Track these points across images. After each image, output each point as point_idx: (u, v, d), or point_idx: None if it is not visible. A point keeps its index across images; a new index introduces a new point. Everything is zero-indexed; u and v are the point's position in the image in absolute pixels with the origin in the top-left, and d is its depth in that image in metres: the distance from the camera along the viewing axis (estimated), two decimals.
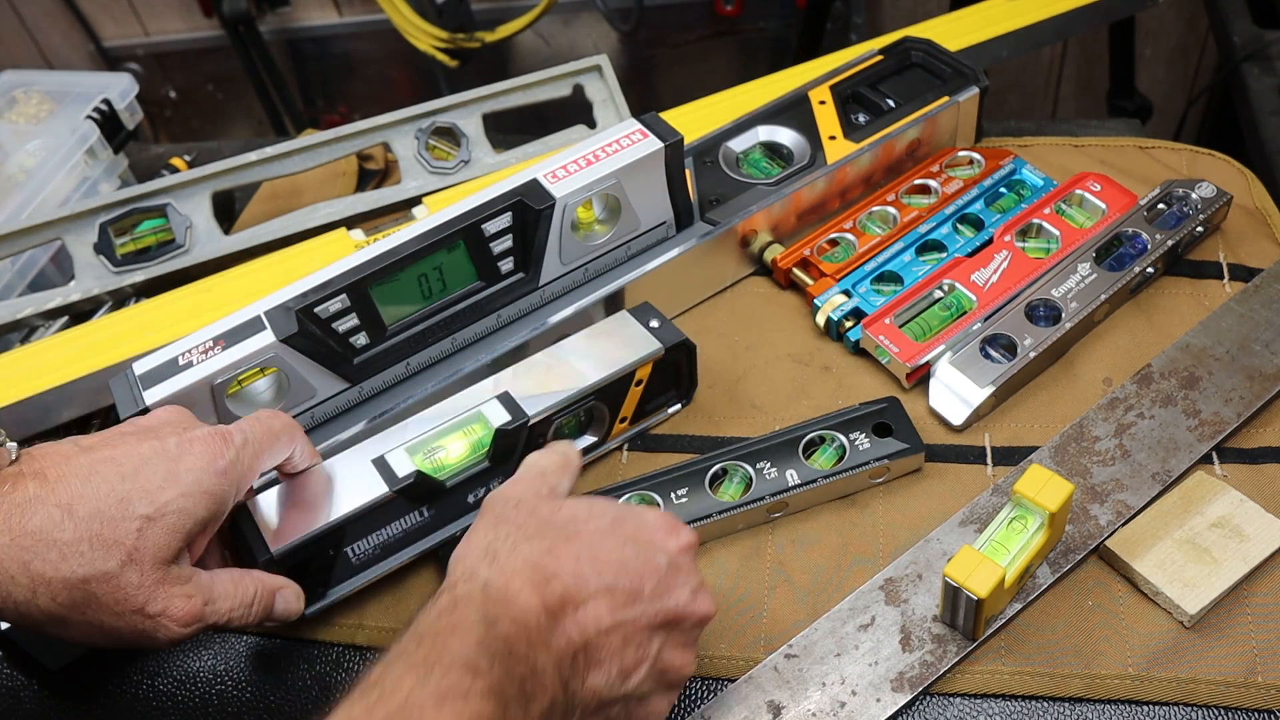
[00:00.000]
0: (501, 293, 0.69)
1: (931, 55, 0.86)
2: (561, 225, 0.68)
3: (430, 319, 0.68)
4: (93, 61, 1.98)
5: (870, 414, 0.67)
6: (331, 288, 0.63)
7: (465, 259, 0.67)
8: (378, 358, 0.67)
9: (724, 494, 0.64)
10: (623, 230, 0.72)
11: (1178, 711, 0.55)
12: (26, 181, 0.90)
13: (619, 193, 0.70)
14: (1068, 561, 0.60)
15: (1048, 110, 1.83)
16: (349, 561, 0.61)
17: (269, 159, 0.85)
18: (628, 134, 0.70)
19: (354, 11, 1.89)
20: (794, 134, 0.82)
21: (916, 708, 0.57)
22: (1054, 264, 0.73)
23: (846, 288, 0.75)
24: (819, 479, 0.64)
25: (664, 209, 0.73)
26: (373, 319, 0.65)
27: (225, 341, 0.61)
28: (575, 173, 0.68)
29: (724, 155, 0.81)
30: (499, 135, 0.91)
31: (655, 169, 0.71)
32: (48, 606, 0.48)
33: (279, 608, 0.57)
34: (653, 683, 0.50)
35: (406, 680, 0.42)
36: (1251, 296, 0.71)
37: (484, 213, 0.66)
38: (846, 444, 0.65)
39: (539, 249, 0.68)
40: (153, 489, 0.50)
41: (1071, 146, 0.86)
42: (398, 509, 0.61)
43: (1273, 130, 1.03)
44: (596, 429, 0.68)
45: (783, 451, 0.65)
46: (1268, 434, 0.65)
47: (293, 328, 0.61)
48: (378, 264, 0.63)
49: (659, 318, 0.68)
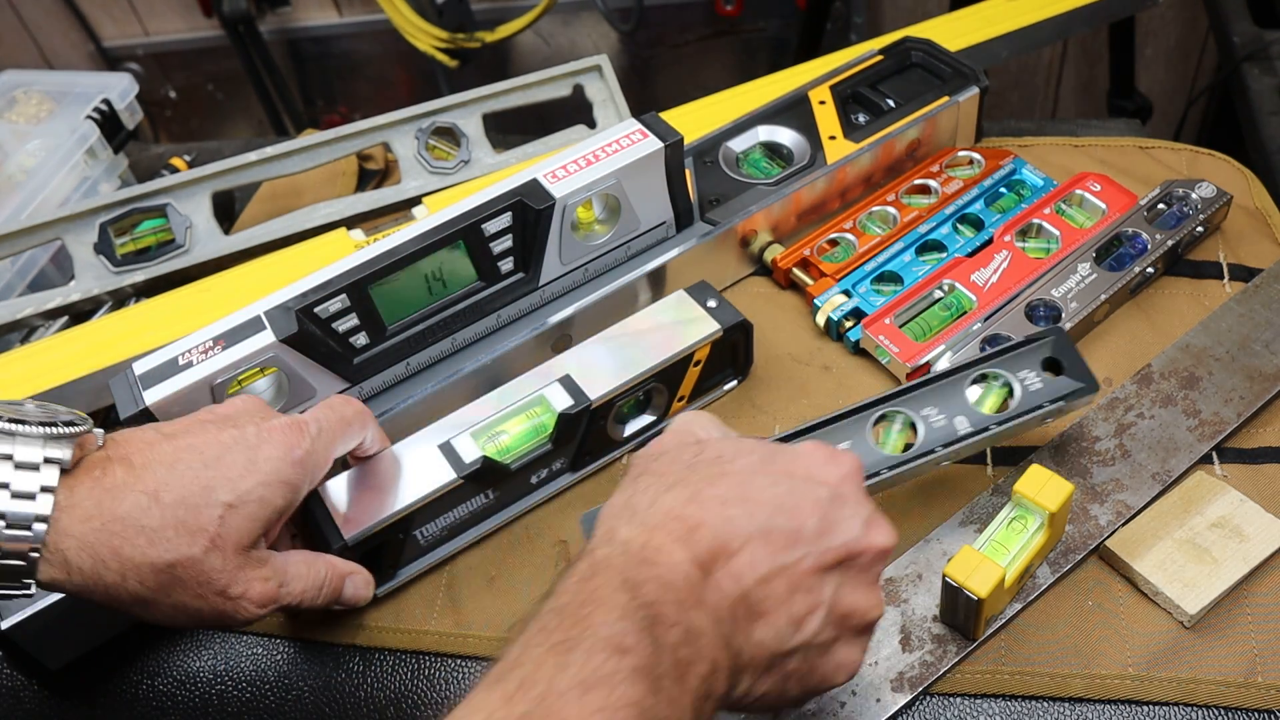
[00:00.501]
0: (501, 293, 0.69)
1: (931, 55, 0.86)
2: (561, 225, 0.68)
3: (430, 319, 0.68)
4: (93, 61, 1.99)
5: (1035, 348, 0.62)
6: (331, 288, 0.62)
7: (465, 259, 0.67)
8: (378, 358, 0.67)
9: (885, 445, 0.61)
10: (623, 230, 0.72)
11: (1178, 711, 0.55)
12: (26, 181, 0.90)
13: (619, 193, 0.69)
14: (1068, 561, 0.60)
15: (1048, 110, 1.83)
16: (417, 543, 0.63)
17: (269, 159, 0.85)
18: (628, 134, 0.70)
19: (354, 11, 1.89)
20: (794, 134, 0.82)
21: (916, 708, 0.57)
22: (1054, 264, 0.73)
23: (846, 288, 0.75)
24: (991, 426, 0.60)
25: (664, 209, 0.73)
26: (373, 319, 0.65)
27: (225, 341, 0.61)
28: (575, 173, 0.68)
29: (724, 155, 0.81)
30: (499, 135, 0.91)
31: (655, 169, 0.70)
32: (135, 590, 0.49)
33: (347, 593, 0.58)
34: (834, 629, 0.45)
35: (546, 665, 0.38)
36: (1251, 296, 0.71)
37: (484, 213, 0.65)
38: (1016, 384, 0.61)
39: (539, 249, 0.68)
40: (234, 477, 0.51)
41: (1071, 146, 0.86)
42: (464, 493, 0.62)
43: (1273, 130, 1.03)
44: (655, 409, 0.69)
45: (947, 395, 0.61)
46: (1268, 434, 0.65)
47: (293, 328, 0.61)
48: (378, 264, 0.63)
49: (716, 297, 0.69)
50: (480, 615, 0.62)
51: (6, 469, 0.46)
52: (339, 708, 0.61)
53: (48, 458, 0.47)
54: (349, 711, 0.61)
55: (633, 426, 0.69)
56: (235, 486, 0.51)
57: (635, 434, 0.69)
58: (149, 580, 0.49)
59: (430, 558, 0.64)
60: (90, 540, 0.48)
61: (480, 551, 0.65)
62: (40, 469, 0.47)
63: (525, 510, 0.66)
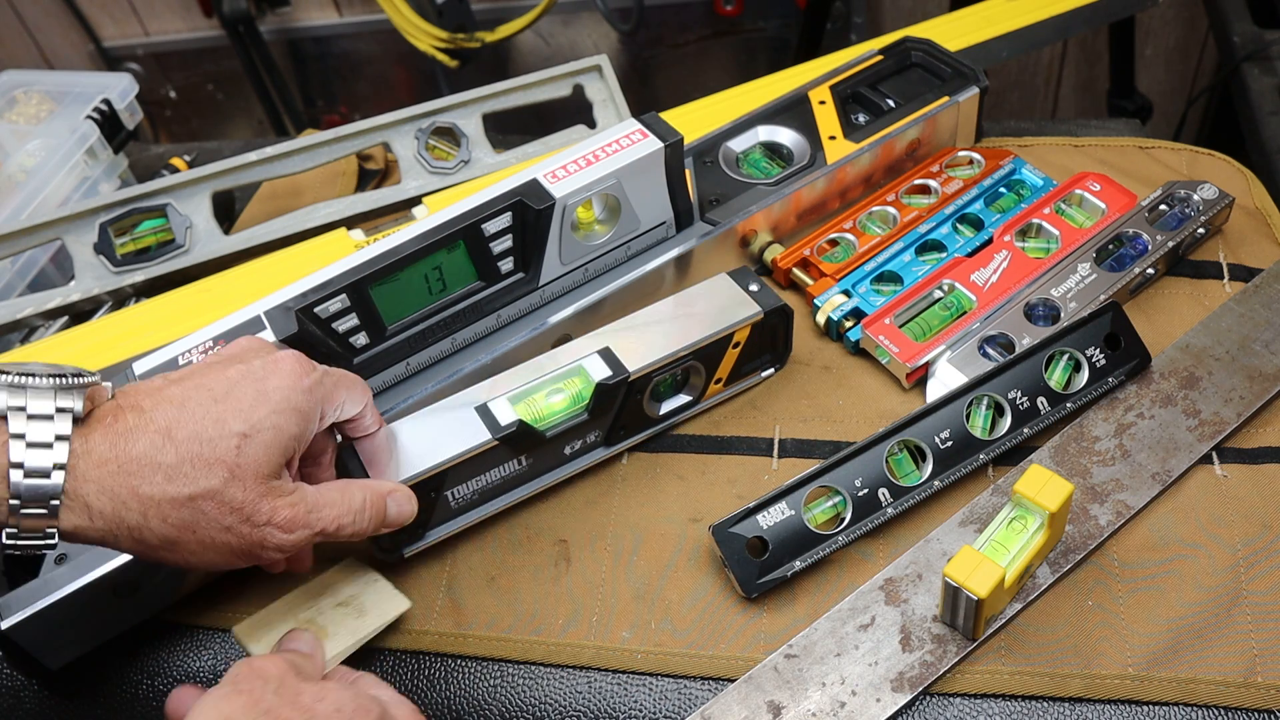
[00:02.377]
0: (501, 293, 0.69)
1: (931, 55, 0.86)
2: (562, 225, 0.68)
3: (430, 319, 0.68)
4: (93, 61, 1.99)
5: (1096, 324, 0.66)
6: (331, 288, 0.62)
7: (465, 259, 0.67)
8: (378, 358, 0.67)
9: (973, 426, 0.64)
10: (623, 230, 0.72)
11: (1178, 711, 0.55)
12: (26, 181, 0.90)
13: (619, 193, 0.69)
14: (1068, 561, 0.60)
15: (1048, 110, 1.83)
16: (448, 505, 0.63)
17: (269, 159, 0.85)
18: (628, 134, 0.70)
19: (354, 11, 1.89)
20: (794, 134, 0.82)
21: (916, 708, 0.57)
22: (1054, 264, 0.73)
23: (846, 288, 0.75)
24: (1069, 404, 0.64)
25: (664, 209, 0.73)
26: (373, 319, 0.65)
27: (225, 341, 0.61)
28: (575, 173, 0.68)
29: (724, 155, 0.81)
30: (499, 135, 0.91)
31: (655, 169, 0.70)
32: (159, 529, 0.49)
33: (392, 512, 0.58)
34: None
35: None
36: (1251, 296, 0.71)
37: (484, 212, 0.65)
38: (1083, 360, 0.64)
39: (539, 249, 0.68)
40: (245, 408, 0.51)
41: (1071, 146, 0.86)
42: (497, 456, 0.63)
43: (1273, 130, 1.03)
44: (692, 389, 0.70)
45: (1026, 376, 0.65)
46: (1268, 434, 0.65)
47: (292, 328, 0.61)
48: (378, 264, 0.63)
49: (758, 281, 0.69)
50: (480, 615, 0.62)
51: (20, 420, 0.47)
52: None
53: (60, 408, 0.47)
54: None
55: (669, 405, 0.69)
56: (248, 417, 0.51)
57: (671, 412, 0.69)
58: (171, 517, 0.49)
59: (460, 520, 0.65)
60: (109, 484, 0.48)
61: (480, 551, 0.66)
62: (54, 418, 0.47)
63: (558, 481, 0.67)
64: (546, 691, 0.60)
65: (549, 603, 0.62)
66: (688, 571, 0.63)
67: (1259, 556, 0.59)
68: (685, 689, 0.59)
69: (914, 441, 0.64)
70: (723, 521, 0.61)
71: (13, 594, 0.63)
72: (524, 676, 0.60)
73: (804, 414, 0.70)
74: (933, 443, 0.64)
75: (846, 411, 0.70)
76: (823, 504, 0.63)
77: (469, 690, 0.60)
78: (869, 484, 0.62)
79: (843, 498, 0.62)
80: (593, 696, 0.59)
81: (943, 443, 0.64)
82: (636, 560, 0.64)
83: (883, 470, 0.63)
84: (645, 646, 0.60)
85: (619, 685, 0.59)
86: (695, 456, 0.68)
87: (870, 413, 0.69)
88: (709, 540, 0.62)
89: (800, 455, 0.68)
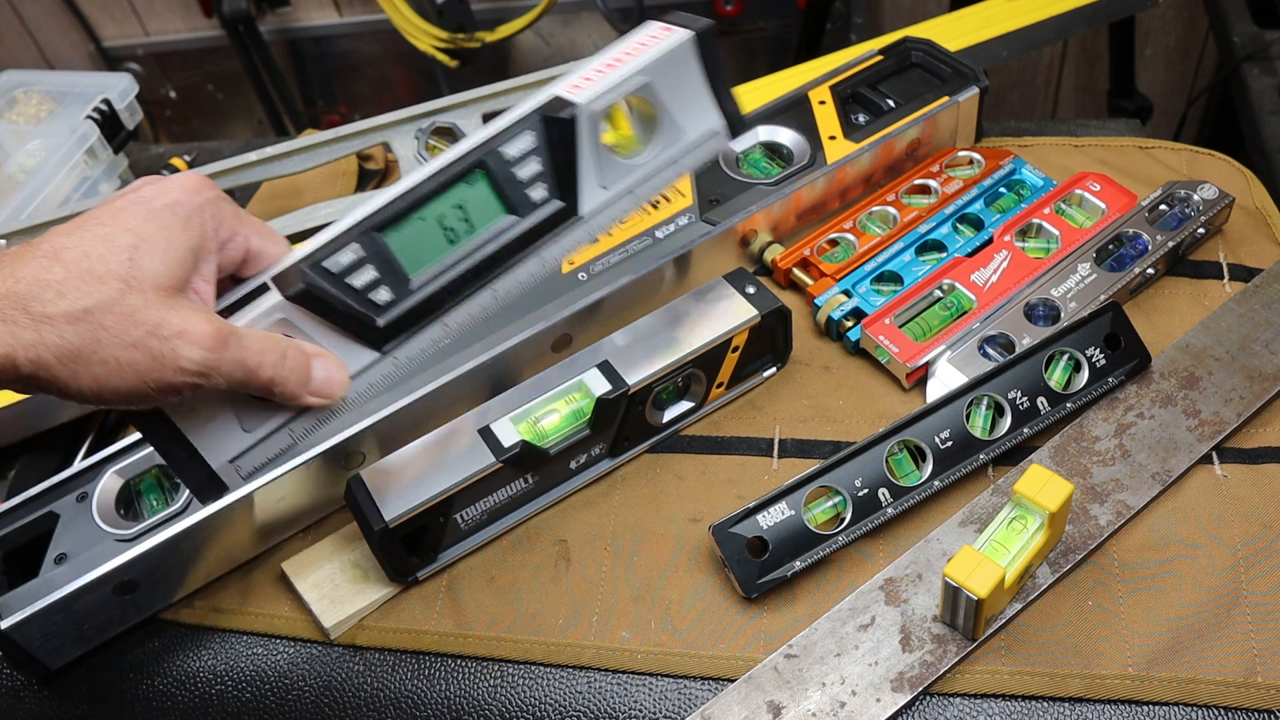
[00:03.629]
0: (539, 228, 0.59)
1: (931, 55, 0.86)
2: (594, 139, 0.59)
3: (460, 265, 0.58)
4: (93, 61, 1.99)
5: (1096, 324, 0.66)
6: (341, 238, 0.56)
7: (489, 191, 0.58)
8: (407, 316, 0.58)
9: (973, 426, 0.65)
10: (666, 143, 0.62)
11: (1178, 711, 0.55)
12: (26, 181, 0.90)
13: (651, 96, 0.60)
14: (1068, 561, 0.60)
15: (1048, 110, 1.83)
16: (458, 527, 0.64)
17: (269, 159, 0.85)
18: (649, 33, 0.61)
19: (354, 11, 1.89)
20: (794, 134, 0.82)
21: (916, 708, 0.57)
22: (1054, 264, 0.73)
23: (846, 288, 0.75)
24: (1069, 404, 0.64)
25: (709, 113, 0.63)
26: (392, 270, 0.57)
27: (229, 311, 0.55)
28: (597, 79, 0.59)
29: (724, 155, 0.81)
30: None
31: (688, 64, 0.61)
32: (58, 344, 0.47)
33: (319, 374, 0.55)
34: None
35: None
36: (1251, 296, 0.71)
37: (501, 134, 0.58)
38: (1083, 360, 0.64)
39: (572, 170, 0.59)
40: (134, 225, 0.50)
41: (1071, 146, 0.86)
42: (503, 477, 0.63)
43: (1273, 130, 1.03)
44: (694, 395, 0.69)
45: (1026, 376, 0.65)
46: (1268, 434, 0.65)
47: (299, 284, 0.55)
48: (390, 207, 0.56)
49: (754, 283, 0.68)
50: (480, 615, 0.62)
51: None
52: (339, 708, 0.61)
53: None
54: (349, 711, 0.61)
55: (671, 413, 0.69)
56: (137, 231, 0.50)
57: (674, 420, 0.69)
58: (68, 333, 0.47)
59: (471, 541, 0.65)
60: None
61: (480, 552, 0.65)
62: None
63: (565, 495, 0.67)
64: (546, 691, 0.60)
65: (549, 603, 0.62)
66: (688, 571, 0.63)
67: (1259, 557, 0.59)
68: (685, 689, 0.59)
69: (914, 441, 0.64)
70: (723, 521, 0.61)
71: (12, 594, 0.63)
72: (524, 676, 0.60)
73: (804, 414, 0.70)
74: (933, 443, 0.64)
75: (846, 411, 0.70)
76: (823, 504, 0.63)
77: (469, 690, 0.60)
78: (869, 484, 0.62)
79: (843, 498, 0.62)
80: (593, 696, 0.59)
81: (943, 443, 0.64)
82: (636, 560, 0.64)
83: (883, 470, 0.63)
84: (645, 646, 0.60)
85: (619, 685, 0.59)
86: (695, 457, 0.69)
87: (870, 413, 0.69)
88: (709, 540, 0.62)
89: (800, 455, 0.68)
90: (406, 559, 0.63)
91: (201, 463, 0.55)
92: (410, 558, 0.63)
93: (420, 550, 0.63)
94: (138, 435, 0.70)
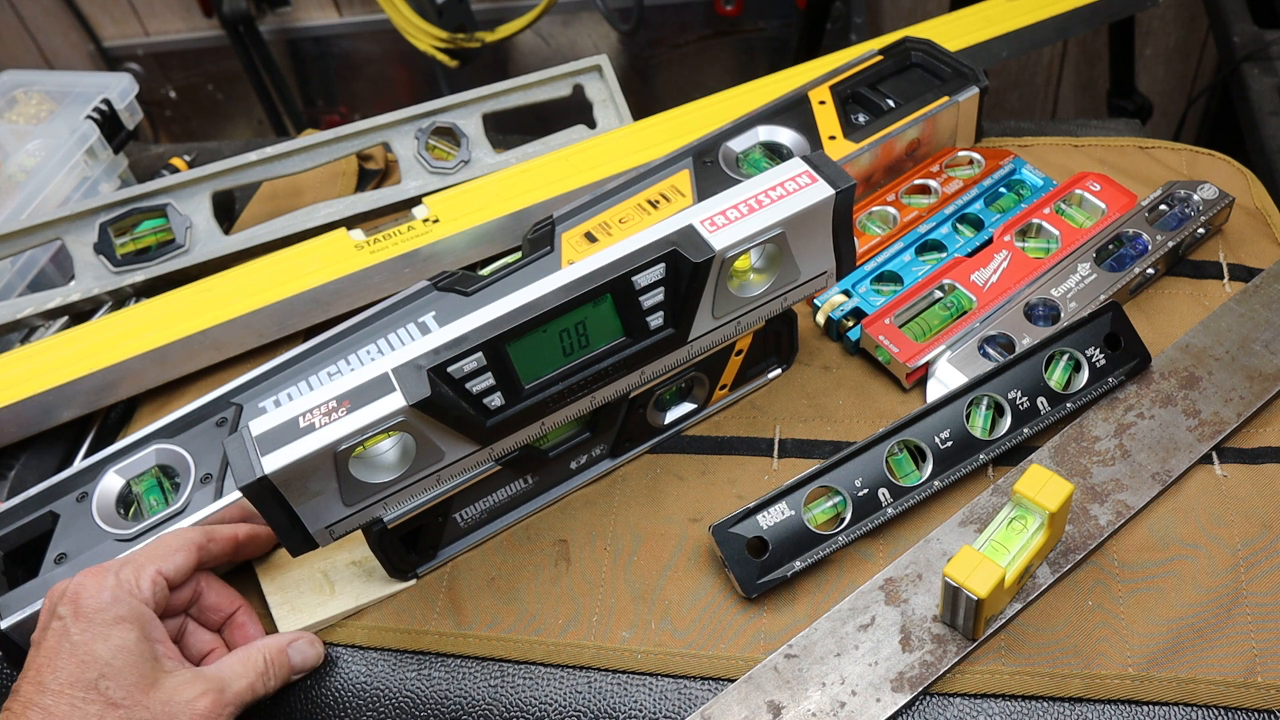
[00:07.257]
0: (649, 350, 0.61)
1: (931, 55, 0.86)
2: (718, 278, 0.61)
3: (570, 378, 0.60)
4: (93, 61, 1.99)
5: (1096, 324, 0.66)
6: (466, 344, 0.55)
7: (612, 313, 0.60)
8: (512, 419, 0.59)
9: (973, 426, 0.65)
10: (781, 281, 0.64)
11: (1178, 711, 0.55)
12: (26, 181, 0.90)
13: (781, 243, 0.62)
14: (1068, 561, 0.60)
15: (1048, 110, 1.83)
16: (457, 525, 0.64)
17: (269, 159, 0.85)
18: (793, 176, 0.62)
19: (354, 11, 1.89)
20: (794, 134, 0.82)
21: (916, 708, 0.57)
22: (1054, 264, 0.73)
23: (846, 288, 0.75)
24: (1069, 404, 0.64)
25: (826, 258, 0.65)
26: (509, 378, 0.58)
27: (351, 402, 0.54)
28: (736, 220, 0.60)
29: (724, 155, 0.81)
30: (499, 135, 0.91)
31: (823, 217, 0.62)
32: None
33: (296, 661, 0.60)
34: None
35: None
36: (1251, 296, 0.71)
37: (636, 263, 0.58)
38: (1083, 360, 0.64)
39: (692, 303, 0.61)
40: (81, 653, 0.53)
41: (1071, 146, 0.86)
42: (502, 478, 0.64)
43: (1273, 130, 1.03)
44: (696, 397, 0.70)
45: (1026, 376, 0.65)
46: (1268, 434, 0.65)
47: (425, 391, 0.54)
48: (519, 318, 0.56)
49: None
50: (480, 615, 0.62)
51: None
52: (339, 708, 0.61)
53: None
54: (349, 711, 0.61)
55: (673, 414, 0.69)
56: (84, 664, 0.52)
57: (675, 421, 0.69)
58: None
59: (471, 538, 0.65)
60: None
61: (480, 551, 0.66)
62: None
63: (565, 495, 0.67)
64: (546, 691, 0.60)
65: (549, 603, 0.62)
66: (688, 571, 0.63)
67: (1259, 557, 0.59)
68: (685, 689, 0.59)
69: (914, 441, 0.64)
70: (723, 521, 0.61)
71: (12, 593, 0.63)
72: (524, 676, 0.60)
73: (804, 414, 0.70)
74: (933, 443, 0.64)
75: (846, 411, 0.70)
76: (823, 504, 0.63)
77: (469, 690, 0.60)
78: (869, 484, 0.62)
79: (843, 498, 0.62)
80: (593, 696, 0.59)
81: (943, 443, 0.64)
82: (636, 560, 0.64)
83: (883, 470, 0.63)
84: (645, 646, 0.60)
85: (619, 685, 0.59)
86: (695, 457, 0.69)
87: (870, 413, 0.69)
88: (709, 540, 0.62)
89: (800, 455, 0.68)
90: (405, 557, 0.63)
91: (301, 527, 0.57)
92: (410, 555, 0.63)
93: (419, 548, 0.63)
94: (138, 435, 0.70)
